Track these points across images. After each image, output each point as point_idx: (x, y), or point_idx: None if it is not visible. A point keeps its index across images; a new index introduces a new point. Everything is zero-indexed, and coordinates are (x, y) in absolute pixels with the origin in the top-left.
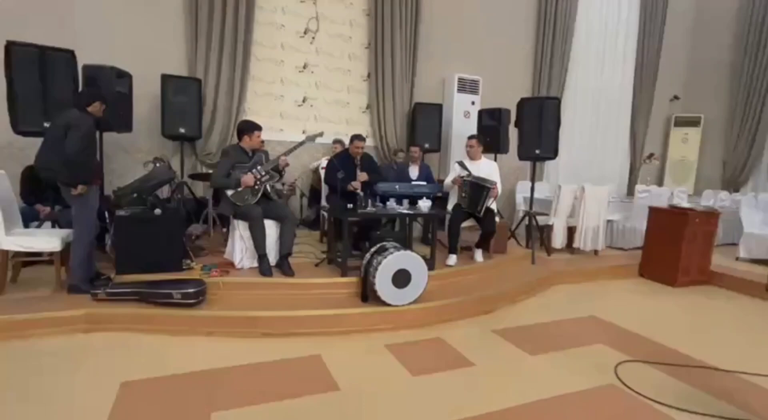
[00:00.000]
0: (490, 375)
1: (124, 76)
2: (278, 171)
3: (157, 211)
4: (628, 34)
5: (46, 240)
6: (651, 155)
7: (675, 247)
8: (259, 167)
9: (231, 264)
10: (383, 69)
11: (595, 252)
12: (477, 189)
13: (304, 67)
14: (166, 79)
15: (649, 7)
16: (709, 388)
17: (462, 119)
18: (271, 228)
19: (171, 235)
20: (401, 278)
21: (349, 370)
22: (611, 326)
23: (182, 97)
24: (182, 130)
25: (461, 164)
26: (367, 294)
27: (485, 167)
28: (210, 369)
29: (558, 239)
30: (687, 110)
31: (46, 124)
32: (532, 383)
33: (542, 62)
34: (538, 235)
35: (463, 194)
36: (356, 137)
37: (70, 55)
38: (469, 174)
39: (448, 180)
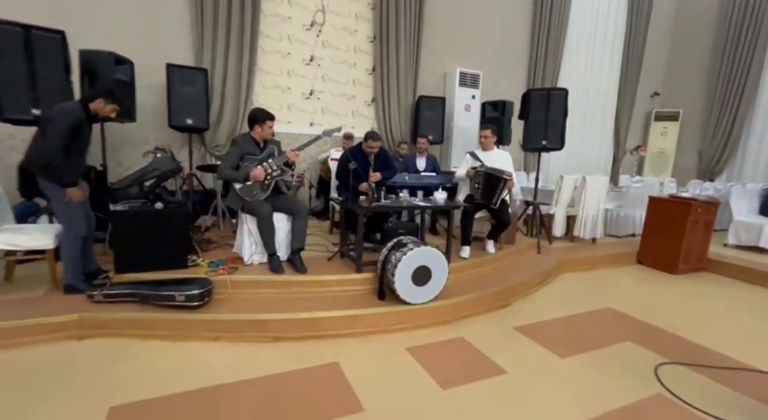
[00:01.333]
0: (526, 386)
1: (124, 63)
2: (290, 165)
3: (159, 204)
4: (616, 33)
5: (35, 237)
6: (638, 147)
7: (676, 236)
8: (270, 160)
9: (240, 259)
10: (388, 62)
11: (593, 240)
12: (492, 180)
13: (311, 59)
14: (171, 68)
15: (635, 9)
16: (758, 394)
17: (463, 112)
18: (281, 221)
19: (175, 230)
20: (421, 275)
21: (372, 383)
22: (630, 320)
23: (189, 87)
24: (189, 121)
25: (473, 155)
26: (385, 292)
27: (497, 158)
28: (215, 385)
29: (558, 228)
30: (665, 105)
31: (35, 111)
32: (575, 396)
33: (537, 59)
34: (541, 225)
35: (476, 185)
36: (370, 136)
37: (60, 36)
38: (482, 164)
39: (460, 171)
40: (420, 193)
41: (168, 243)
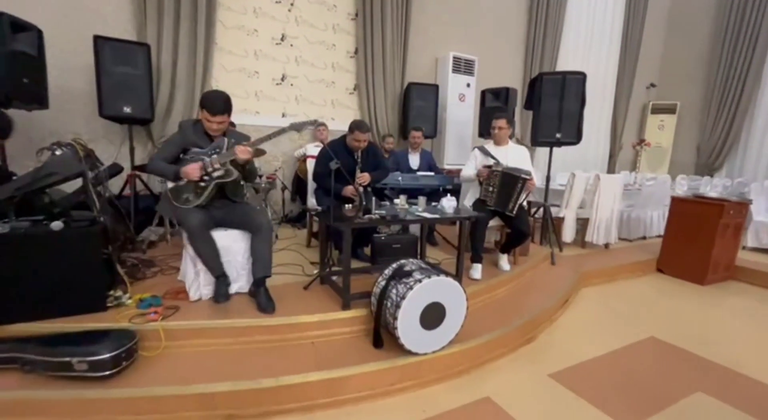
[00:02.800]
0: None
1: (27, 30)
2: (242, 165)
3: (57, 224)
4: (614, 20)
5: None
6: (642, 141)
7: (706, 242)
8: (215, 156)
9: (185, 292)
10: (372, 44)
11: (606, 245)
12: (510, 182)
13: (282, 39)
14: (100, 42)
15: None
16: None
17: (457, 102)
18: (240, 241)
19: (85, 258)
20: (432, 316)
21: None
22: (683, 355)
23: (126, 68)
24: (127, 110)
25: (483, 151)
26: (382, 337)
27: (514, 154)
28: None
29: (568, 233)
30: (662, 98)
31: None
32: None
33: (534, 44)
34: (552, 230)
35: (491, 188)
36: (357, 127)
37: None
38: (497, 163)
39: (467, 171)
40: (422, 199)
41: (74, 277)
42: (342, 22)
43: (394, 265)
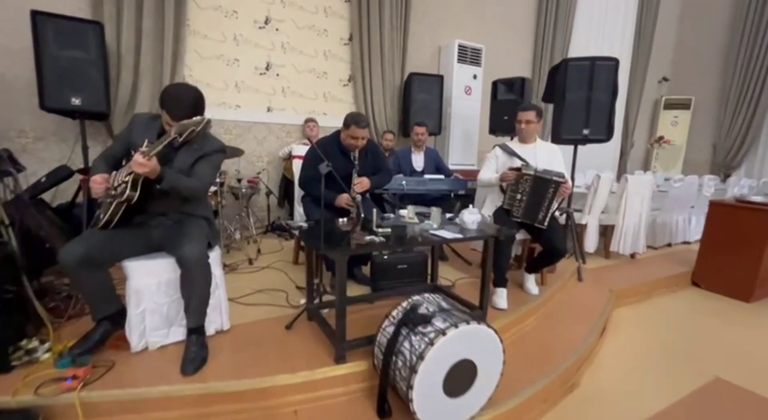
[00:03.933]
0: None
1: None
2: (157, 182)
3: None
4: (628, 8)
5: None
6: (661, 138)
7: (752, 253)
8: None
9: (125, 339)
10: (369, 29)
11: (632, 255)
12: (540, 186)
13: (266, 22)
14: (40, 19)
15: None
16: None
17: (462, 96)
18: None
19: None
20: (460, 378)
21: None
22: (764, 404)
23: (74, 51)
24: (76, 102)
25: (507, 149)
26: (388, 404)
27: (544, 153)
28: None
29: (591, 242)
30: (675, 92)
31: None
32: None
33: (545, 34)
34: (576, 239)
35: (518, 195)
36: (354, 121)
37: None
38: (526, 164)
39: (486, 173)
40: (437, 211)
41: None
42: (334, 5)
43: (405, 305)
